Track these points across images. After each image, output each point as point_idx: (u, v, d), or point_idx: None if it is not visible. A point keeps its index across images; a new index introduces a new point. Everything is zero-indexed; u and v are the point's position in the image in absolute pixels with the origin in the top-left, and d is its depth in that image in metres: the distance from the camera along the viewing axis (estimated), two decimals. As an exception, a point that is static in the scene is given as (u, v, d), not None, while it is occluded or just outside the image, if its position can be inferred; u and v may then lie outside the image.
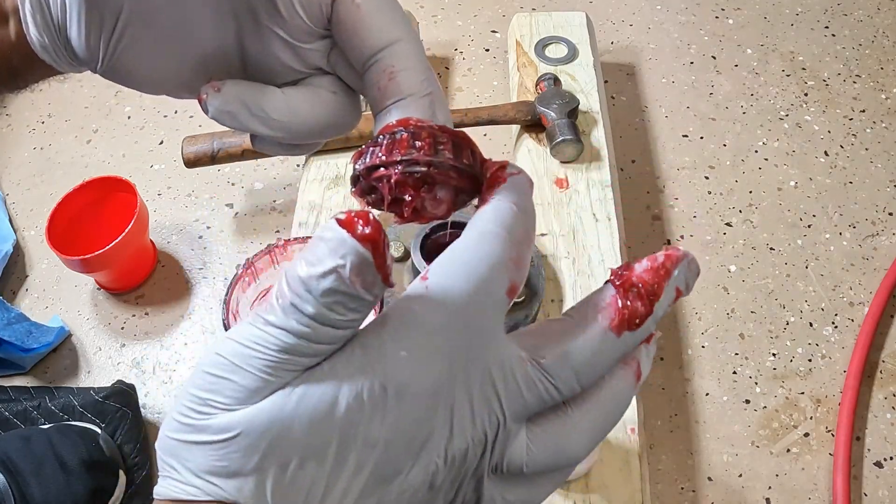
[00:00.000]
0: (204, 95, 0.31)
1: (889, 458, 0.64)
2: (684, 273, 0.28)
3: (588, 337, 0.27)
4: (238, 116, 0.31)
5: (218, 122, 0.32)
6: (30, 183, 0.90)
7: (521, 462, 0.27)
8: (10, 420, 0.66)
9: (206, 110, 0.31)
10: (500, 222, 0.26)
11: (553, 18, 0.88)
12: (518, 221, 0.27)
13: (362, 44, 0.30)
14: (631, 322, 0.27)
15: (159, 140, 0.93)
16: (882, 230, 0.79)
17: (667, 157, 0.87)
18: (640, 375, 0.28)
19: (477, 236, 0.26)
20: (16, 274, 0.82)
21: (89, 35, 0.30)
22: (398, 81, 0.30)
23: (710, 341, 0.71)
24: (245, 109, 0.31)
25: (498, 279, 0.26)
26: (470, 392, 0.26)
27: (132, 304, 0.78)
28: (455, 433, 0.26)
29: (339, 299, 0.24)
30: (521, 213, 0.27)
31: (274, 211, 0.84)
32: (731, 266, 0.77)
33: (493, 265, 0.26)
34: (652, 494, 0.60)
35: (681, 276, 0.28)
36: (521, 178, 0.28)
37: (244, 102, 0.31)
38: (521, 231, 0.27)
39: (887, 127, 0.88)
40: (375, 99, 0.30)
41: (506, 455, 0.27)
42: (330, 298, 0.24)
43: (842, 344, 0.71)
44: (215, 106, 0.31)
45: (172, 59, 0.32)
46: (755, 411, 0.67)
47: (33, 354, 0.72)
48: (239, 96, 0.31)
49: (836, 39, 0.99)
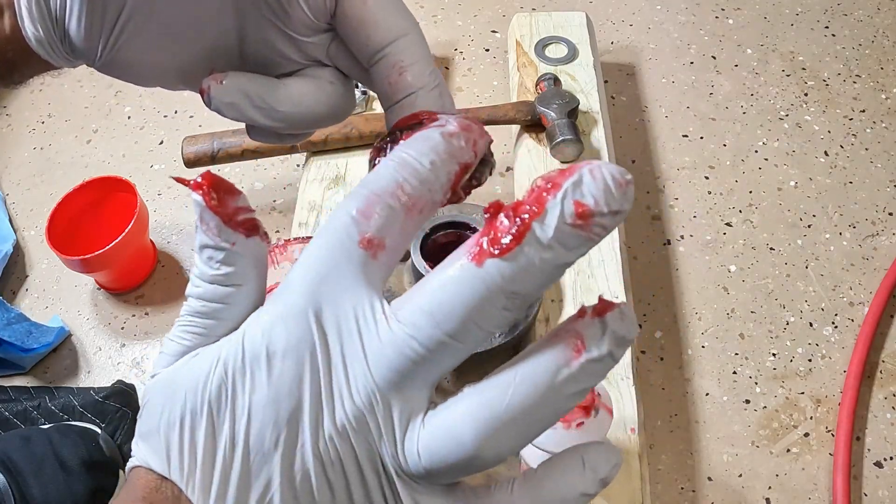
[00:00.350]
0: (206, 87, 0.31)
1: (889, 458, 0.64)
2: (589, 185, 0.23)
3: (445, 274, 0.24)
4: (240, 108, 0.31)
5: (220, 113, 0.32)
6: (30, 183, 0.90)
7: (415, 448, 0.24)
8: (10, 420, 0.66)
9: (208, 102, 0.31)
10: (364, 180, 0.26)
11: (553, 18, 0.88)
12: (378, 175, 0.25)
13: (369, 39, 0.31)
14: (494, 243, 0.23)
15: (159, 140, 0.93)
16: (882, 230, 0.79)
17: (667, 157, 0.87)
18: (581, 351, 0.23)
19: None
20: (16, 274, 0.82)
21: (90, 27, 0.30)
22: (408, 76, 0.30)
23: (710, 341, 0.71)
24: (247, 101, 0.31)
25: (345, 234, 0.25)
26: (342, 352, 0.24)
27: (132, 304, 0.78)
28: (335, 400, 0.24)
29: (208, 253, 0.26)
30: (387, 165, 0.26)
31: (274, 211, 0.84)
32: (731, 266, 0.77)
33: (340, 221, 0.25)
34: (652, 494, 0.60)
35: (583, 188, 0.23)
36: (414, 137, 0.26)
37: (247, 94, 0.32)
38: (376, 181, 0.25)
39: (887, 127, 0.88)
40: (386, 94, 0.31)
41: (405, 442, 0.24)
42: (203, 254, 0.26)
43: (842, 344, 0.71)
44: (218, 98, 0.31)
45: (173, 52, 0.32)
46: (755, 411, 0.67)
47: (33, 354, 0.72)
48: (241, 88, 0.31)
49: (836, 39, 0.99)
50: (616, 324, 0.24)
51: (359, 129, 0.77)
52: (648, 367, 0.70)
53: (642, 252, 0.78)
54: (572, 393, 0.24)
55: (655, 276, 0.76)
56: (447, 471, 0.24)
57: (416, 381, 0.24)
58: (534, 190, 0.23)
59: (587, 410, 0.49)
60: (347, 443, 0.24)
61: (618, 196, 0.23)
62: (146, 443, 0.26)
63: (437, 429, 0.24)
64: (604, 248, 0.68)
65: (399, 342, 0.24)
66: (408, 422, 0.24)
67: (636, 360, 0.63)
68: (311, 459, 0.24)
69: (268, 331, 0.25)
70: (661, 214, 0.82)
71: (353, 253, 0.25)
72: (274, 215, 0.84)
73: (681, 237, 0.80)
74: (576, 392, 0.24)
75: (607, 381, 0.60)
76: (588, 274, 0.67)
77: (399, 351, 0.24)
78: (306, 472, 0.24)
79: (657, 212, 0.82)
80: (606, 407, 0.50)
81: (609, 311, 0.24)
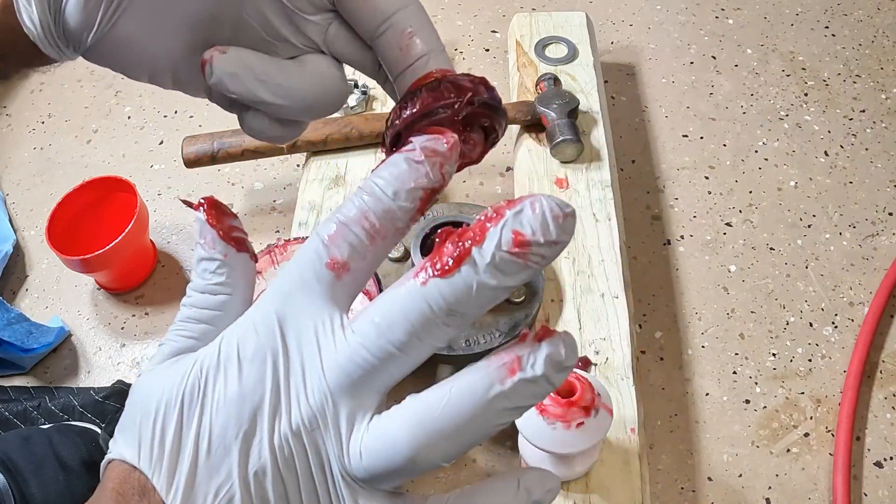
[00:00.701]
0: (208, 57, 0.31)
1: (889, 458, 0.64)
2: (528, 217, 0.24)
3: (394, 291, 0.26)
4: (242, 79, 0.31)
5: (220, 87, 0.31)
6: (30, 183, 0.90)
7: (358, 450, 0.26)
8: (10, 420, 0.66)
9: (209, 74, 0.31)
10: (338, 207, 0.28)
11: (553, 18, 0.88)
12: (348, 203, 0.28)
13: (375, 9, 0.31)
14: (436, 266, 0.25)
15: (159, 140, 0.93)
16: (882, 230, 0.79)
17: (667, 157, 0.87)
18: (515, 372, 0.25)
19: None
20: (16, 274, 0.82)
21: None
22: (418, 39, 0.31)
23: (710, 341, 0.71)
24: (250, 72, 0.31)
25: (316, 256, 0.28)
26: (301, 358, 0.27)
27: (132, 304, 0.78)
28: (292, 401, 0.26)
29: (204, 266, 0.30)
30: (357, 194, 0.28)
31: (274, 211, 0.84)
32: (731, 266, 0.77)
33: (313, 244, 0.28)
34: (652, 494, 0.60)
35: (521, 218, 0.24)
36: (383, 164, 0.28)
37: (250, 66, 0.32)
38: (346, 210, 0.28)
39: (887, 127, 0.88)
40: (397, 59, 0.32)
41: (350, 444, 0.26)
42: (199, 267, 0.30)
43: (842, 344, 0.71)
44: (221, 67, 0.31)
45: (167, 29, 0.31)
46: (755, 411, 0.67)
47: (33, 354, 0.72)
48: (244, 60, 0.31)
49: (836, 39, 0.99)
50: (553, 349, 0.25)
51: (359, 130, 0.77)
52: (648, 367, 0.70)
53: (642, 252, 0.78)
54: (504, 409, 0.25)
55: (655, 276, 0.76)
56: (386, 474, 0.26)
57: (366, 387, 0.26)
58: (480, 218, 0.25)
59: (587, 410, 0.49)
60: (300, 442, 0.26)
61: (554, 228, 0.24)
62: (122, 435, 0.28)
63: (377, 433, 0.26)
64: (604, 248, 0.68)
65: (351, 351, 0.26)
66: (354, 425, 0.26)
67: (636, 360, 0.63)
68: (268, 455, 0.26)
69: (242, 335, 0.28)
70: (661, 214, 0.82)
71: (320, 273, 0.27)
72: (274, 215, 0.84)
73: (681, 237, 0.80)
74: (508, 409, 0.25)
75: (607, 381, 0.60)
76: (588, 274, 0.67)
77: (351, 358, 0.26)
78: (263, 467, 0.26)
79: (657, 212, 0.82)
80: (606, 407, 0.50)
81: (548, 337, 0.26)
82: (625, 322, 0.64)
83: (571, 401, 0.48)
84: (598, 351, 0.62)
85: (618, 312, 0.64)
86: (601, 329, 0.63)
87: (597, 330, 0.63)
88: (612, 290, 0.66)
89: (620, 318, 0.64)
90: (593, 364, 0.61)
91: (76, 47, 0.31)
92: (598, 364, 0.61)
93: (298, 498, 0.26)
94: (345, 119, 0.78)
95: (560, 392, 0.49)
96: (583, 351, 0.62)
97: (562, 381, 0.26)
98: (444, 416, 0.25)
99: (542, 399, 0.26)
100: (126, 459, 0.27)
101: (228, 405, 0.26)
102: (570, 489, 0.55)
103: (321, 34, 0.33)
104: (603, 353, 0.62)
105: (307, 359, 0.27)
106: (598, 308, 0.65)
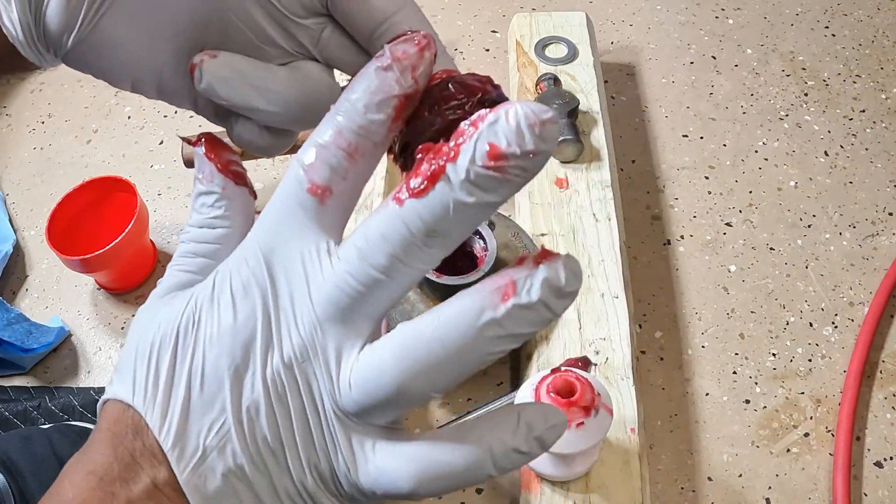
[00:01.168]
0: (198, 62, 0.30)
1: (889, 458, 0.64)
2: (503, 126, 0.22)
3: (375, 214, 0.25)
4: (235, 84, 0.30)
5: (210, 94, 0.30)
6: (30, 183, 0.90)
7: (348, 381, 0.25)
8: (10, 420, 0.66)
9: (199, 79, 0.30)
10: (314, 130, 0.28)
11: (553, 18, 0.88)
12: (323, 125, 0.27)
13: (372, 10, 0.31)
14: (409, 185, 0.24)
15: (159, 140, 0.93)
16: (882, 230, 0.79)
17: (667, 157, 0.87)
18: (509, 296, 0.23)
19: None
20: (16, 274, 0.82)
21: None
22: None
23: (710, 341, 0.71)
24: (242, 77, 0.31)
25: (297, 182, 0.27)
26: (290, 289, 0.26)
27: (132, 304, 0.78)
28: (283, 333, 0.26)
29: (202, 200, 0.30)
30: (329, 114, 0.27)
31: (274, 211, 0.84)
32: (731, 266, 0.77)
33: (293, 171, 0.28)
34: (652, 494, 0.60)
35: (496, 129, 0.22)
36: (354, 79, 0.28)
37: (240, 71, 0.31)
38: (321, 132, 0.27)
39: (887, 127, 0.88)
40: None
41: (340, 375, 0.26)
42: (198, 202, 0.30)
43: (842, 344, 0.71)
44: (211, 72, 0.30)
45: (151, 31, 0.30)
46: (755, 411, 0.67)
47: (33, 354, 0.72)
48: (234, 64, 0.31)
49: (836, 39, 0.99)
50: (551, 272, 0.23)
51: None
52: (648, 367, 0.70)
53: (642, 252, 0.78)
54: (495, 337, 0.24)
55: (655, 276, 0.76)
56: (376, 406, 0.25)
57: (356, 314, 0.26)
58: (457, 131, 0.23)
59: (587, 410, 0.49)
60: (292, 376, 0.26)
61: (530, 138, 0.22)
62: (118, 375, 0.28)
63: (366, 362, 0.25)
64: (604, 248, 0.68)
65: (338, 278, 0.25)
66: (343, 355, 0.26)
67: (636, 360, 0.63)
68: (261, 389, 0.26)
69: (234, 269, 0.27)
70: (661, 214, 0.82)
71: (303, 199, 0.27)
72: (274, 215, 0.84)
73: (681, 237, 0.80)
74: (500, 336, 0.24)
75: (607, 381, 0.60)
76: (588, 273, 0.67)
77: (337, 286, 0.25)
78: (256, 402, 0.26)
79: (657, 212, 0.82)
80: (606, 407, 0.50)
81: (548, 259, 0.24)
82: (625, 322, 0.64)
83: (571, 401, 0.48)
84: (598, 351, 0.62)
85: (618, 312, 0.64)
86: (601, 329, 0.63)
87: (597, 330, 0.63)
88: (612, 290, 0.66)
89: (620, 318, 0.64)
90: (593, 364, 0.61)
91: (56, 51, 0.30)
92: (598, 364, 0.61)
93: (292, 434, 0.26)
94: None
95: (560, 392, 0.49)
96: (583, 351, 0.62)
97: (563, 308, 0.24)
98: (432, 343, 0.24)
99: (542, 327, 0.24)
100: (121, 398, 0.27)
101: (221, 340, 0.26)
102: (570, 489, 0.55)
103: (313, 39, 0.32)
104: (603, 353, 0.62)
105: (295, 289, 0.26)
106: (598, 308, 0.65)
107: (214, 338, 0.26)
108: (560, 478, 0.54)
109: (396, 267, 0.25)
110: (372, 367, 0.25)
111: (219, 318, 0.26)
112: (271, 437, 0.26)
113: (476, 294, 0.24)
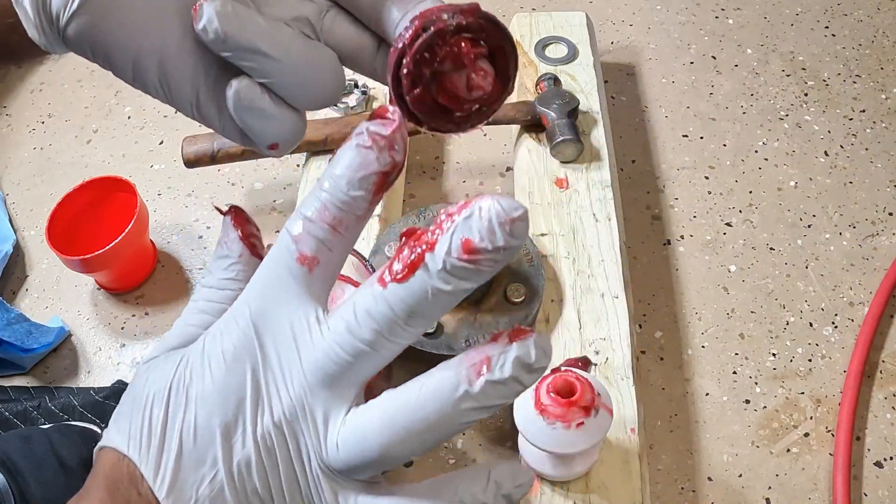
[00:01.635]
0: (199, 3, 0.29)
1: (889, 458, 0.64)
2: (476, 222, 0.24)
3: (362, 290, 0.27)
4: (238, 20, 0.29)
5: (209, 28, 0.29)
6: (30, 183, 0.90)
7: (335, 442, 0.27)
8: (10, 420, 0.66)
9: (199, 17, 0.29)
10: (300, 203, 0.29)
11: (553, 18, 0.88)
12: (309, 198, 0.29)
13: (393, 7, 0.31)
14: (392, 269, 0.26)
15: (159, 140, 0.93)
16: (882, 230, 0.79)
17: (667, 157, 0.87)
18: (481, 373, 0.26)
19: None
20: (16, 274, 0.82)
21: None
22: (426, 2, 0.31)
23: (710, 341, 0.71)
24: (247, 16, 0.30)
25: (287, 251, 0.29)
26: (279, 354, 0.28)
27: (132, 304, 0.78)
28: (272, 395, 0.28)
29: (220, 263, 0.32)
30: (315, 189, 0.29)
31: (274, 211, 0.84)
32: (731, 266, 0.77)
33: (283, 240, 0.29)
34: (652, 494, 0.60)
35: (470, 223, 0.24)
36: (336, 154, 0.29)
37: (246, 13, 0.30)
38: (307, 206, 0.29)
39: (887, 127, 0.88)
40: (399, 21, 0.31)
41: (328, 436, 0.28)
42: (216, 263, 0.33)
43: (842, 344, 0.71)
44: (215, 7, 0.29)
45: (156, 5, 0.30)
46: (755, 411, 0.67)
47: (33, 354, 0.72)
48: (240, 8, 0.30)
49: (836, 39, 0.99)
50: (523, 350, 0.26)
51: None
52: (648, 367, 0.70)
53: (642, 252, 0.78)
54: (470, 409, 0.26)
55: (655, 276, 0.76)
56: (361, 466, 0.28)
57: (343, 380, 0.27)
58: (435, 220, 0.26)
59: (587, 410, 0.49)
60: (282, 434, 0.27)
61: (501, 235, 0.24)
62: (115, 424, 0.29)
63: (352, 427, 0.27)
64: (604, 248, 0.68)
65: (327, 347, 0.27)
66: (331, 418, 0.28)
67: (636, 360, 0.63)
68: (251, 446, 0.27)
69: (224, 330, 0.29)
70: (661, 214, 0.82)
71: (293, 267, 0.29)
72: (274, 215, 0.84)
73: (681, 237, 0.80)
74: (475, 409, 0.26)
75: (607, 381, 0.60)
76: (588, 274, 0.67)
77: (327, 354, 0.27)
78: (247, 458, 0.27)
79: (657, 212, 0.82)
80: (606, 407, 0.50)
81: (520, 338, 0.26)
82: (625, 322, 0.64)
83: (571, 401, 0.48)
84: (598, 351, 0.62)
85: (618, 312, 0.64)
86: (601, 329, 0.63)
87: (597, 330, 0.63)
88: (612, 290, 0.66)
89: (620, 318, 0.64)
90: (593, 364, 0.61)
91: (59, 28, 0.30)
92: (598, 364, 0.61)
93: (280, 488, 0.28)
94: (345, 119, 0.78)
95: (560, 392, 0.49)
96: (583, 351, 0.62)
97: (533, 381, 0.26)
98: (413, 414, 0.26)
99: (512, 399, 0.27)
100: (117, 447, 0.28)
101: (211, 398, 0.28)
102: (570, 489, 0.55)
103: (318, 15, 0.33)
104: (603, 353, 0.62)
105: (284, 355, 0.28)
106: (598, 308, 0.65)
107: (204, 396, 0.28)
108: (560, 478, 0.54)
109: (381, 342, 0.27)
110: (359, 432, 0.27)
111: (210, 377, 0.28)
112: (262, 489, 0.28)
113: (454, 368, 0.26)
